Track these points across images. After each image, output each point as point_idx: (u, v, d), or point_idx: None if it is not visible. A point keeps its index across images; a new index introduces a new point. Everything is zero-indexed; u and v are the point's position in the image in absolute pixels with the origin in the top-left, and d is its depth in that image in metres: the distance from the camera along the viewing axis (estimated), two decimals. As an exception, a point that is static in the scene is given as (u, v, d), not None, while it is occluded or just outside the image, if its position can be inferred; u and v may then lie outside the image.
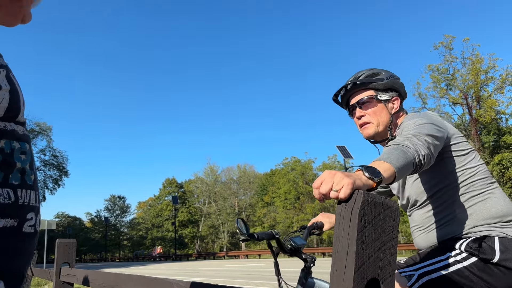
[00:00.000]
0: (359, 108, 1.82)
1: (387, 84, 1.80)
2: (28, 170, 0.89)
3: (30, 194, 0.88)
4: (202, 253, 53.03)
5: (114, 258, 71.45)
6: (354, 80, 1.82)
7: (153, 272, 20.46)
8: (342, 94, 1.88)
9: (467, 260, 1.50)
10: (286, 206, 49.00)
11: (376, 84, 1.79)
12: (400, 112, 1.83)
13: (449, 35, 31.81)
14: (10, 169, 0.85)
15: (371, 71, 1.83)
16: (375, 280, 0.81)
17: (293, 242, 1.64)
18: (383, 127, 1.80)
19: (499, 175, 29.56)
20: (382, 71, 1.83)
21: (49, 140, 47.11)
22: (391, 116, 1.80)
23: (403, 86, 1.86)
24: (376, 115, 1.79)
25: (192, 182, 69.91)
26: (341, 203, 0.87)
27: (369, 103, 1.80)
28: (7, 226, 0.81)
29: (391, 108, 1.81)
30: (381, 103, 1.80)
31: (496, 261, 1.45)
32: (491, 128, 31.30)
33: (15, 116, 0.88)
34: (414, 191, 1.73)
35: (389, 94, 1.81)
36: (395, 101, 1.82)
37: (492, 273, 1.46)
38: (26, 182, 0.88)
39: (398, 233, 0.85)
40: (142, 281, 2.27)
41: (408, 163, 1.27)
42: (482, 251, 1.48)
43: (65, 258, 3.75)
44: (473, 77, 30.68)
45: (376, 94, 1.80)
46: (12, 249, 0.82)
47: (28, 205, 0.86)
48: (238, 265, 24.44)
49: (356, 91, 1.84)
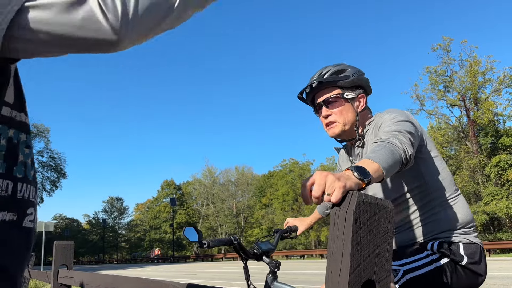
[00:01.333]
0: (325, 107, 1.78)
1: (353, 81, 1.76)
2: (29, 164, 0.88)
3: (30, 189, 0.87)
4: (200, 255, 52.97)
5: (112, 260, 71.25)
6: (320, 79, 1.78)
7: (151, 274, 20.41)
8: (308, 92, 1.84)
9: (441, 260, 1.57)
10: (284, 208, 48.96)
11: (342, 82, 1.75)
12: (367, 110, 1.82)
13: (447, 37, 31.92)
14: (15, 161, 0.83)
15: (337, 68, 1.79)
16: (371, 281, 0.81)
17: (258, 247, 1.66)
18: (350, 126, 1.77)
19: (497, 177, 29.60)
20: (347, 67, 1.79)
21: (46, 142, 47.08)
22: (357, 114, 1.77)
23: (368, 82, 1.83)
24: (342, 114, 1.76)
25: (190, 184, 69.82)
26: (334, 207, 0.87)
27: (336, 102, 1.77)
28: (6, 220, 0.79)
29: (357, 107, 1.78)
30: (347, 102, 1.77)
31: (464, 264, 1.56)
32: (488, 130, 31.36)
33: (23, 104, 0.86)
34: (382, 190, 1.72)
35: (355, 92, 1.78)
36: (361, 99, 1.79)
37: (459, 274, 1.56)
38: (27, 176, 0.86)
39: (393, 234, 0.85)
40: (139, 283, 2.26)
41: (395, 163, 1.29)
42: (452, 253, 1.57)
43: (63, 260, 3.74)
44: (470, 79, 30.76)
45: (343, 92, 1.76)
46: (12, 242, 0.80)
47: (28, 199, 0.85)
48: (236, 267, 24.39)
49: (322, 89, 1.79)
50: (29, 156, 0.88)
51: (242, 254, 1.65)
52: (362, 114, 1.79)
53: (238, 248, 1.61)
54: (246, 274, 1.67)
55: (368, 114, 1.83)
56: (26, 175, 0.86)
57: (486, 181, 31.13)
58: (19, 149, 0.84)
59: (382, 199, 0.85)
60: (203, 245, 1.53)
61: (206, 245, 1.53)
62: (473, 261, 1.57)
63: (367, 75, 1.86)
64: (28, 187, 0.86)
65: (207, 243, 1.53)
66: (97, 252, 76.23)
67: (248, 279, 1.66)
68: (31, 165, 0.89)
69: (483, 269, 1.59)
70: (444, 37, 32.09)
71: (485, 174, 31.01)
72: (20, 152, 0.85)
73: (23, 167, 0.85)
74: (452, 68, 32.23)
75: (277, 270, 1.64)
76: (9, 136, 0.82)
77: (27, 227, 0.85)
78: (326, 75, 1.78)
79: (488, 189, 29.53)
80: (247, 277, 1.67)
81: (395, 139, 1.38)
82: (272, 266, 1.63)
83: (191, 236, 1.57)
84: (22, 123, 0.86)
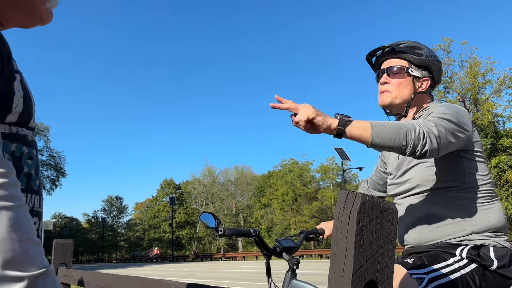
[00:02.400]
0: (387, 75, 1.74)
1: (424, 61, 1.71)
2: (34, 175, 0.89)
3: (35, 199, 0.88)
4: (199, 255, 52.94)
5: (111, 259, 71.21)
6: (394, 46, 1.74)
7: (150, 273, 20.41)
8: (378, 56, 1.81)
9: (469, 266, 1.53)
10: (284, 208, 48.96)
11: (413, 57, 1.71)
12: (426, 94, 1.76)
13: (447, 38, 31.92)
14: (17, 173, 0.85)
15: (414, 43, 1.75)
16: (373, 282, 0.81)
17: (279, 244, 1.65)
18: (401, 100, 1.72)
19: (496, 178, 29.64)
20: (424, 47, 1.74)
21: (46, 141, 47.07)
22: (414, 94, 1.72)
23: (440, 71, 1.77)
24: (399, 87, 1.72)
25: (189, 183, 69.81)
26: (339, 206, 0.87)
27: (398, 73, 1.72)
28: None
29: (418, 86, 1.73)
30: (409, 77, 1.72)
31: (494, 269, 1.52)
32: (488, 131, 31.40)
33: (27, 121, 0.88)
34: (419, 177, 1.66)
35: (422, 72, 1.72)
36: (425, 81, 1.73)
37: (488, 279, 1.52)
38: (31, 186, 0.88)
39: (396, 235, 0.85)
40: (139, 282, 2.26)
41: (393, 140, 1.35)
42: (482, 258, 1.52)
43: (62, 259, 3.73)
44: (470, 80, 30.79)
45: (409, 66, 1.72)
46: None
47: (32, 210, 0.86)
48: (235, 267, 24.40)
49: (391, 57, 1.76)
50: (33, 167, 0.90)
51: (262, 248, 1.63)
52: (419, 96, 1.74)
53: (258, 241, 1.60)
54: (267, 271, 1.66)
55: (427, 100, 1.77)
56: (30, 186, 0.88)
57: (485, 182, 31.13)
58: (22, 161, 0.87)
59: (385, 201, 0.85)
60: (219, 232, 1.50)
61: (222, 232, 1.49)
62: (503, 264, 1.53)
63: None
64: (33, 197, 0.88)
65: (223, 231, 1.50)
66: (96, 251, 76.21)
67: (269, 276, 1.65)
68: (35, 175, 0.90)
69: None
70: (444, 38, 32.12)
71: (484, 175, 31.00)
72: (23, 164, 0.87)
73: (26, 178, 0.87)
74: (452, 69, 32.27)
75: (296, 268, 1.63)
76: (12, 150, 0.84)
77: None
78: (401, 45, 1.74)
79: (488, 190, 29.52)
80: (268, 274, 1.66)
81: (416, 124, 1.40)
82: (292, 263, 1.61)
83: (209, 221, 1.56)
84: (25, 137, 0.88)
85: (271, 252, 1.63)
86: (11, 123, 0.84)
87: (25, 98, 0.86)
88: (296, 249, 1.68)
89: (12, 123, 0.85)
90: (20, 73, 0.89)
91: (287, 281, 1.60)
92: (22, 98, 0.85)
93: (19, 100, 0.84)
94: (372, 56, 1.84)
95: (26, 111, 0.87)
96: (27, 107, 0.87)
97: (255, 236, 1.58)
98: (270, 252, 1.63)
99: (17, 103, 0.84)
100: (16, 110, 0.84)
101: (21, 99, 0.85)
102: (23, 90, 0.86)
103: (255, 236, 1.58)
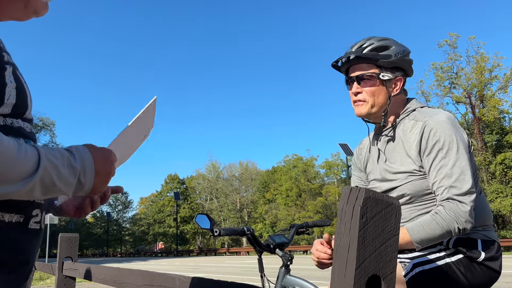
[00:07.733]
0: (357, 83, 1.66)
1: (394, 62, 1.63)
2: None
3: None
4: (203, 249, 53.22)
5: (115, 253, 71.72)
6: (358, 53, 1.64)
7: (155, 268, 20.52)
8: (343, 62, 1.71)
9: (455, 256, 1.54)
10: (288, 203, 49.03)
11: (382, 62, 1.62)
12: (400, 94, 1.70)
13: (454, 33, 31.75)
14: None
15: (380, 43, 1.65)
16: (376, 276, 0.81)
17: (272, 240, 1.66)
18: (378, 108, 1.66)
19: (502, 174, 29.48)
20: (392, 45, 1.66)
21: (52, 135, 47.35)
22: (389, 98, 1.66)
23: (411, 64, 1.70)
24: (373, 95, 1.65)
25: (194, 179, 70.04)
26: (343, 200, 0.88)
27: (369, 81, 1.64)
28: (12, 221, 0.81)
29: (391, 90, 1.66)
30: (382, 84, 1.64)
31: (481, 261, 1.53)
32: (494, 127, 31.21)
33: (22, 113, 0.87)
34: (412, 189, 1.60)
35: (394, 73, 1.65)
36: (398, 82, 1.67)
37: (474, 271, 1.53)
38: None
39: (399, 230, 0.85)
40: (144, 276, 2.27)
41: (435, 238, 1.45)
42: (469, 250, 1.54)
43: (68, 253, 3.77)
44: (477, 75, 30.56)
45: (379, 72, 1.63)
46: (18, 243, 0.82)
47: (33, 201, 0.86)
48: (239, 262, 24.49)
49: (358, 63, 1.67)
50: None
51: (255, 245, 1.65)
52: (395, 98, 1.68)
53: (251, 239, 1.62)
54: (260, 267, 1.67)
55: (402, 98, 1.72)
56: None
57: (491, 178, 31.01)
58: None
59: (389, 196, 0.85)
60: (214, 233, 1.52)
61: (217, 233, 1.52)
62: (490, 257, 1.54)
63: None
64: None
65: (219, 231, 1.52)
66: (101, 245, 76.72)
67: (262, 271, 1.67)
68: None
69: (499, 265, 1.58)
70: (451, 33, 31.93)
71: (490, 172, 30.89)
72: None
73: None
74: (459, 64, 32.08)
75: (290, 264, 1.64)
76: None
77: (33, 228, 0.87)
78: (366, 49, 1.65)
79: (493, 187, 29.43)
80: (261, 269, 1.67)
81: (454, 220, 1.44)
82: (285, 259, 1.63)
83: (203, 223, 1.57)
84: (21, 129, 0.87)
85: (265, 249, 1.65)
86: (5, 114, 0.83)
87: (18, 89, 0.85)
88: (288, 244, 1.69)
89: (6, 115, 0.84)
90: (13, 64, 0.88)
91: (280, 276, 1.62)
92: (15, 89, 0.84)
93: (11, 91, 0.83)
94: (337, 62, 1.75)
95: (20, 102, 0.86)
96: (20, 99, 0.86)
97: (249, 235, 1.60)
98: (263, 249, 1.65)
99: (10, 94, 0.83)
100: (9, 102, 0.83)
101: (14, 90, 0.84)
102: (15, 81, 0.85)
103: (249, 235, 1.60)
